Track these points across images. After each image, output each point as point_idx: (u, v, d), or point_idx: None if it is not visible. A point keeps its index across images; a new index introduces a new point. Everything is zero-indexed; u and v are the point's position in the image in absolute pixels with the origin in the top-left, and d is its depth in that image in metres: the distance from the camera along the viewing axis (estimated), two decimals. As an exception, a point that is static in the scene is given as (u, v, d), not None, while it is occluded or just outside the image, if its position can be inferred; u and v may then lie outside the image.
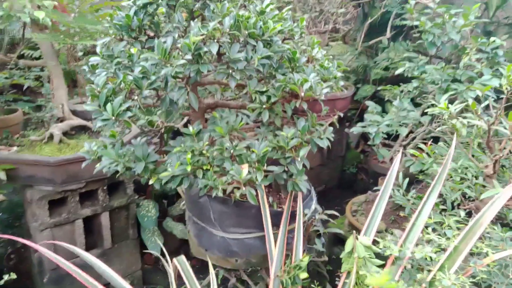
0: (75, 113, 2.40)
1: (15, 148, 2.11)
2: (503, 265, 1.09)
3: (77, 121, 2.29)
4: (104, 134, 2.39)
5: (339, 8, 3.24)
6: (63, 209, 2.18)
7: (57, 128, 2.15)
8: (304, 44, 1.66)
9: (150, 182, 1.40)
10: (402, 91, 2.55)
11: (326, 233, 1.73)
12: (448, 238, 1.13)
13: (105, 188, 2.26)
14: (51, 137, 2.15)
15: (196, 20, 1.49)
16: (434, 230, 1.24)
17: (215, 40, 1.31)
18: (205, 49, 1.28)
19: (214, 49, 1.27)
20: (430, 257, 1.08)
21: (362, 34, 4.14)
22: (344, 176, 4.11)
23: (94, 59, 1.47)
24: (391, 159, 3.87)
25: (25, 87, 2.46)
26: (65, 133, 2.21)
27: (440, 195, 1.61)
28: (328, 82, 1.45)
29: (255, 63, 1.34)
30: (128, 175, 1.44)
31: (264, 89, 1.37)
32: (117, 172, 2.08)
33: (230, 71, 1.33)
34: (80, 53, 3.02)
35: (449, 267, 1.06)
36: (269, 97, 1.36)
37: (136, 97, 1.29)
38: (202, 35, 1.29)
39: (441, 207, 1.62)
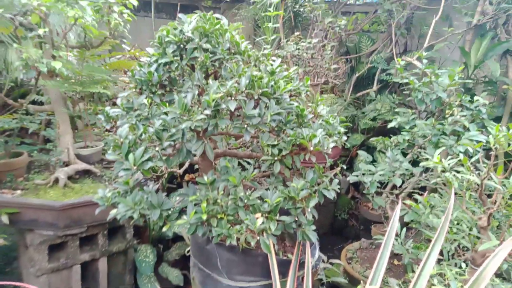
0: (79, 157, 2.45)
1: (18, 191, 2.12)
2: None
3: (82, 166, 2.33)
4: (106, 179, 2.43)
5: (331, 64, 3.46)
6: (62, 254, 2.16)
7: (62, 172, 2.19)
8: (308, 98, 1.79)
9: (164, 229, 1.45)
10: (391, 142, 2.71)
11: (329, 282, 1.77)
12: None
13: (105, 232, 2.26)
14: (56, 181, 2.17)
15: (211, 78, 1.62)
16: (438, 282, 1.31)
17: (232, 98, 1.42)
18: (223, 105, 1.39)
19: (232, 106, 1.37)
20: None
21: (350, 87, 4.40)
22: (336, 222, 4.17)
23: (114, 111, 1.55)
24: (380, 206, 3.99)
25: (30, 131, 2.50)
26: (69, 177, 2.24)
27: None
28: (333, 137, 1.57)
29: (268, 118, 1.45)
30: (141, 222, 1.48)
31: (275, 143, 1.47)
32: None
33: (245, 126, 1.43)
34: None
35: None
36: (280, 150, 1.46)
37: (157, 148, 1.36)
38: (220, 92, 1.41)
39: (438, 257, 1.70)
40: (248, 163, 2.52)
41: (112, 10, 2.47)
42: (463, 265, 1.41)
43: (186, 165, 2.79)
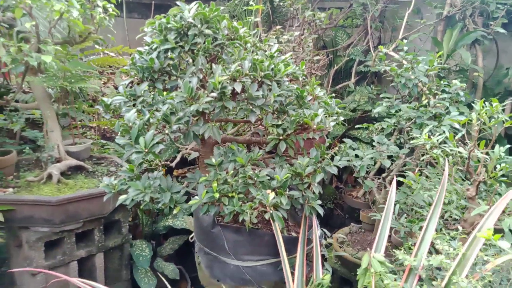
0: (68, 153, 2.40)
1: (10, 189, 2.06)
2: (504, 269, 1.26)
3: (74, 162, 2.29)
4: (98, 174, 2.41)
5: (313, 56, 3.55)
6: (58, 251, 2.13)
7: (55, 168, 2.15)
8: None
9: (174, 212, 1.47)
10: (376, 128, 2.83)
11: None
12: (455, 248, 1.29)
13: (101, 227, 2.24)
14: (49, 177, 2.13)
15: (212, 63, 1.65)
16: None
17: (237, 80, 1.46)
18: (229, 87, 1.43)
19: (239, 88, 1.42)
20: (441, 264, 1.22)
21: (330, 80, 4.52)
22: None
23: (116, 99, 1.56)
24: (364, 194, 4.11)
25: (15, 130, 2.44)
26: (62, 173, 2.20)
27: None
28: (332, 117, 1.64)
29: (271, 100, 1.50)
30: (151, 206, 1.49)
31: (279, 123, 1.53)
32: (115, 210, 2.11)
33: (251, 107, 1.47)
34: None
35: (459, 273, 1.21)
36: (284, 130, 1.52)
37: (166, 131, 1.39)
38: (225, 75, 1.44)
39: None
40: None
41: (96, 4, 2.45)
42: (460, 228, 1.51)
43: (178, 158, 2.80)
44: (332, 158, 1.68)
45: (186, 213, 1.92)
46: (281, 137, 1.52)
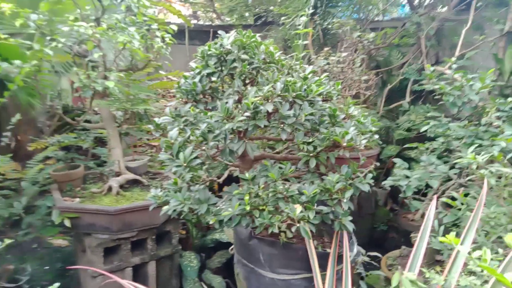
0: (127, 168, 2.66)
1: (77, 199, 2.34)
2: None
3: (132, 176, 2.53)
4: (155, 188, 2.62)
5: (362, 76, 3.56)
6: (115, 257, 2.34)
7: (115, 182, 2.39)
8: (340, 104, 1.91)
9: (211, 222, 1.58)
10: (427, 148, 2.74)
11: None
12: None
13: (153, 237, 2.42)
14: (109, 189, 2.38)
15: (249, 86, 1.78)
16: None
17: (269, 101, 1.56)
18: (261, 108, 1.53)
19: (270, 108, 1.52)
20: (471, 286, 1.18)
21: (383, 99, 4.45)
22: (375, 234, 4.14)
23: (163, 119, 1.74)
24: (423, 216, 3.93)
25: (84, 147, 2.76)
26: (120, 186, 2.44)
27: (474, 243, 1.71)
28: (365, 135, 1.66)
29: (302, 119, 1.58)
30: (190, 217, 1.62)
31: (310, 140, 1.59)
32: (166, 221, 2.27)
33: (282, 125, 1.56)
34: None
35: (492, 296, 1.16)
36: (315, 147, 1.58)
37: (204, 148, 1.52)
38: (258, 96, 1.56)
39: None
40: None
41: (155, 35, 2.73)
42: (500, 250, 1.43)
43: (225, 175, 2.95)
44: (379, 177, 1.69)
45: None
46: (311, 154, 1.58)
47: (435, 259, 2.46)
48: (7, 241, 1.67)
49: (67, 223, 2.16)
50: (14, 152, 2.79)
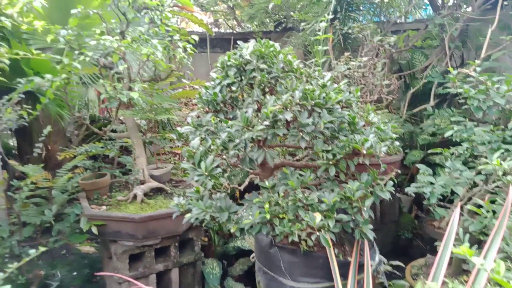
0: (151, 177, 2.73)
1: (104, 207, 2.42)
2: None
3: (156, 184, 2.60)
4: (176, 195, 2.68)
5: (384, 80, 3.52)
6: (140, 264, 2.40)
7: (139, 190, 2.46)
8: (360, 110, 1.90)
9: (232, 230, 1.61)
10: (452, 154, 2.68)
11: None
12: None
13: (176, 244, 2.47)
14: (134, 197, 2.45)
15: (268, 95, 1.80)
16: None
17: (288, 109, 1.58)
18: (280, 116, 1.55)
19: (288, 116, 1.53)
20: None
21: (406, 103, 4.37)
22: (399, 241, 4.05)
23: (185, 128, 1.78)
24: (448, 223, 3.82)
25: (110, 156, 2.85)
26: (145, 194, 2.51)
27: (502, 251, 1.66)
28: (385, 142, 1.65)
29: (321, 126, 1.59)
30: (212, 225, 1.65)
31: (329, 148, 1.60)
32: (189, 229, 2.31)
33: (301, 134, 1.57)
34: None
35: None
36: (334, 155, 1.58)
37: (224, 156, 1.55)
38: (277, 105, 1.58)
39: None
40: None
41: (177, 45, 2.80)
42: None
43: (246, 182, 2.98)
44: (403, 183, 1.66)
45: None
46: (330, 162, 1.58)
47: (462, 268, 2.40)
48: (42, 249, 1.74)
49: (94, 230, 2.24)
50: (44, 162, 2.92)
